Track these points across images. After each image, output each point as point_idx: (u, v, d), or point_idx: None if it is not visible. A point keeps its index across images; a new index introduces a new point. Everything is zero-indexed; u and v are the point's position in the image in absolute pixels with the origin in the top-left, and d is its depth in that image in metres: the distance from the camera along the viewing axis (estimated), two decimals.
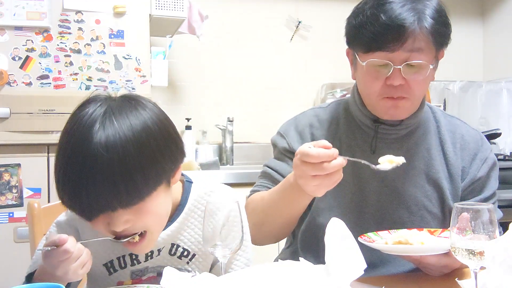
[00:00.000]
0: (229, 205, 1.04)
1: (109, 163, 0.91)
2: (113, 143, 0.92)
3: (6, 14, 2.20)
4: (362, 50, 1.27)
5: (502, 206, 1.43)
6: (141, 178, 0.94)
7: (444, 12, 1.29)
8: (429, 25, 1.23)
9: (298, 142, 1.39)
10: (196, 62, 3.21)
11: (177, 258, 1.13)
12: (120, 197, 0.93)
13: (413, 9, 1.22)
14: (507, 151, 3.34)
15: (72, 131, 0.96)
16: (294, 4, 3.40)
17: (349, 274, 0.95)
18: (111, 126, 0.93)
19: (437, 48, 1.27)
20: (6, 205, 2.20)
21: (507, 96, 3.50)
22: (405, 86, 1.25)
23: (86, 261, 0.96)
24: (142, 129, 0.95)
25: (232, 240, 1.01)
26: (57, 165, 0.96)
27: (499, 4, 3.71)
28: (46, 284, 0.90)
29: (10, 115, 2.19)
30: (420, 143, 1.38)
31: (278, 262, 1.02)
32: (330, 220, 1.03)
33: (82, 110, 0.97)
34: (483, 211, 0.91)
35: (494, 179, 1.41)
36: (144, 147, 0.95)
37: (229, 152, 3.13)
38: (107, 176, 0.91)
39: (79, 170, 0.92)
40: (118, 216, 0.96)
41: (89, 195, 0.92)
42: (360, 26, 1.26)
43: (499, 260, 0.89)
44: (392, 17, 1.21)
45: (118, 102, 0.99)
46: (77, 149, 0.93)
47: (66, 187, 0.95)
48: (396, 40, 1.21)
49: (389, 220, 1.33)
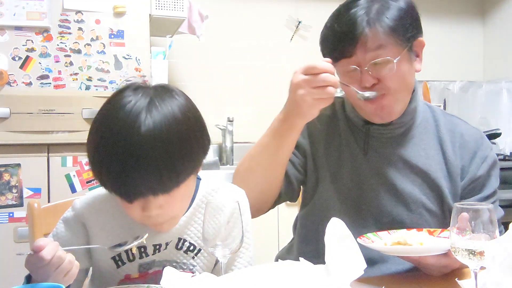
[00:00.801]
0: (230, 205, 1.04)
1: (154, 151, 0.96)
2: (159, 131, 0.96)
3: (6, 14, 2.20)
4: (333, 61, 1.28)
5: (502, 206, 1.43)
6: (181, 165, 1.00)
7: (409, 8, 1.30)
8: (383, 24, 1.24)
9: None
10: (196, 62, 3.21)
11: (183, 252, 1.15)
12: (162, 182, 0.98)
13: (367, 12, 1.25)
14: (507, 151, 3.35)
15: (116, 119, 0.98)
16: (294, 4, 3.41)
17: (349, 274, 0.95)
18: (156, 115, 0.97)
19: (402, 41, 1.27)
20: (6, 205, 2.20)
21: (507, 96, 3.50)
22: (380, 84, 1.27)
23: (68, 269, 0.94)
24: (182, 118, 1.01)
25: (232, 240, 1.01)
26: (98, 151, 1.00)
27: (499, 4, 3.71)
28: (46, 284, 0.90)
29: (10, 115, 2.19)
30: (417, 142, 1.38)
31: (278, 262, 1.02)
32: (330, 220, 1.03)
33: (123, 98, 1.00)
34: (483, 211, 0.91)
35: (495, 177, 1.40)
36: (184, 136, 1.00)
37: (229, 152, 3.13)
38: (152, 163, 0.96)
39: (126, 156, 0.95)
40: (155, 200, 1.00)
41: (134, 180, 0.96)
42: (324, 39, 1.33)
43: (499, 260, 0.89)
44: (344, 25, 1.26)
45: (158, 91, 1.03)
46: (123, 136, 0.96)
47: (111, 172, 0.98)
48: (350, 45, 1.25)
49: (388, 217, 1.34)
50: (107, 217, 1.13)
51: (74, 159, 2.27)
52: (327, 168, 1.39)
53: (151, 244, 1.12)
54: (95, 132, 1.02)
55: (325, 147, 1.41)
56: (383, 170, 1.36)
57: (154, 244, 1.13)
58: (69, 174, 2.27)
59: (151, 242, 1.12)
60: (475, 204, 0.93)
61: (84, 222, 1.14)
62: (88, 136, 1.04)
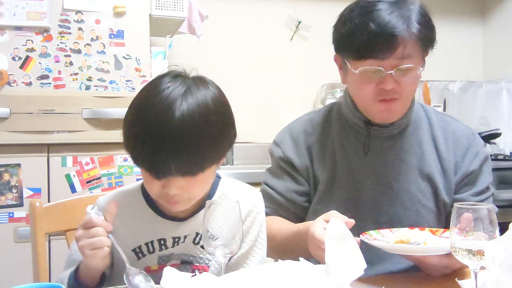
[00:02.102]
0: (230, 205, 1.04)
1: (187, 135, 1.01)
2: (192, 117, 1.02)
3: (6, 14, 2.20)
4: (352, 57, 1.29)
5: (502, 206, 1.44)
6: (209, 152, 1.06)
7: (428, 16, 1.30)
8: (416, 31, 1.25)
9: (293, 150, 1.43)
10: (196, 62, 3.20)
11: (200, 247, 1.18)
12: (190, 165, 1.04)
13: (401, 15, 1.24)
14: (507, 151, 3.34)
15: (154, 101, 1.04)
16: (294, 4, 3.41)
17: (349, 274, 0.96)
18: (191, 102, 1.03)
19: (424, 50, 1.30)
20: (6, 205, 2.20)
21: (507, 96, 3.50)
22: (397, 88, 1.27)
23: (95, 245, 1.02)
24: (215, 108, 1.07)
25: (232, 240, 1.01)
26: (135, 129, 1.05)
27: (499, 4, 3.71)
28: (46, 284, 0.90)
29: (10, 115, 2.19)
30: (412, 140, 1.40)
31: (278, 262, 1.02)
32: (330, 220, 1.03)
33: (162, 84, 1.06)
34: (483, 211, 0.91)
35: (487, 173, 1.43)
36: (215, 125, 1.06)
37: (229, 152, 3.13)
38: (183, 146, 1.02)
39: (160, 137, 1.01)
40: (177, 180, 1.05)
41: (166, 160, 1.02)
42: (349, 34, 1.28)
43: (499, 260, 0.89)
44: (381, 25, 1.23)
45: (195, 81, 1.09)
46: (160, 118, 1.01)
47: (144, 149, 1.03)
48: (387, 48, 1.23)
49: (385, 216, 1.36)
50: (129, 212, 1.17)
51: (74, 159, 2.27)
52: (324, 174, 1.41)
53: (171, 237, 1.16)
54: (133, 110, 1.08)
55: (319, 155, 1.42)
56: (379, 169, 1.38)
57: (173, 237, 1.16)
58: (69, 174, 2.27)
59: (170, 234, 1.16)
60: (475, 204, 0.93)
61: (106, 218, 1.15)
62: (126, 113, 1.09)
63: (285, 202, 1.43)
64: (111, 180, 2.32)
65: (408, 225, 1.32)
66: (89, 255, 1.02)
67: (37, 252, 1.33)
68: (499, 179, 2.53)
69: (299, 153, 1.43)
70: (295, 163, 1.42)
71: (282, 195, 1.43)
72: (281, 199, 1.43)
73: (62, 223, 1.40)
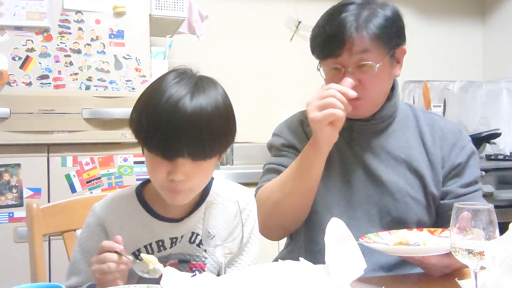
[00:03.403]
0: (230, 205, 1.04)
1: (201, 120, 1.07)
2: (205, 105, 1.08)
3: (6, 14, 2.20)
4: (319, 58, 1.42)
5: (502, 206, 1.44)
6: (217, 141, 1.11)
7: (395, 17, 1.38)
8: (370, 31, 1.33)
9: (293, 136, 1.49)
10: (196, 62, 3.20)
11: (196, 246, 1.20)
12: (202, 148, 1.08)
13: (356, 18, 1.33)
14: (507, 151, 3.34)
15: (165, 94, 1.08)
16: (294, 4, 3.41)
17: (349, 274, 0.96)
18: (202, 96, 1.10)
19: (386, 48, 1.36)
20: (6, 205, 2.20)
21: (507, 96, 3.50)
22: (359, 86, 1.34)
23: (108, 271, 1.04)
24: (223, 102, 1.14)
25: (232, 240, 1.01)
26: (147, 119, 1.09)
27: (499, 4, 3.71)
28: (46, 284, 0.90)
29: (10, 115, 2.19)
30: (399, 136, 1.45)
31: (278, 262, 1.02)
32: (330, 220, 1.03)
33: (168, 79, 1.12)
34: (483, 211, 0.91)
35: (475, 166, 1.46)
36: (224, 116, 1.12)
37: (229, 152, 3.13)
38: (196, 130, 1.06)
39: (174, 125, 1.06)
40: (183, 165, 1.08)
41: (179, 140, 1.06)
42: (314, 37, 1.42)
43: (499, 260, 0.89)
44: (334, 26, 1.34)
45: (203, 78, 1.16)
46: (173, 109, 1.06)
47: (156, 135, 1.07)
48: (338, 46, 1.33)
49: (375, 207, 1.39)
50: (126, 217, 1.19)
51: (74, 159, 2.27)
52: None
53: (168, 238, 1.18)
54: (145, 98, 1.12)
55: None
56: (368, 162, 1.42)
57: (171, 238, 1.18)
58: (69, 174, 2.27)
59: (168, 235, 1.18)
60: (475, 204, 0.93)
61: (104, 224, 1.19)
62: (136, 102, 1.14)
63: None
64: (111, 180, 2.32)
65: (397, 216, 1.36)
66: (99, 279, 1.04)
67: (35, 253, 1.33)
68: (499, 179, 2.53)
69: (300, 139, 1.48)
70: (298, 147, 1.46)
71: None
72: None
73: (60, 224, 1.40)
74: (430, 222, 1.40)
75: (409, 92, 3.46)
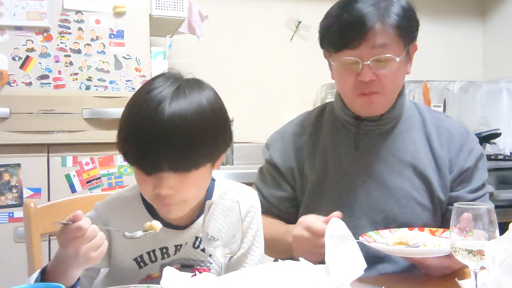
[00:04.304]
0: (231, 205, 1.04)
1: (177, 130, 1.00)
2: (184, 114, 1.01)
3: (6, 14, 2.20)
4: (332, 50, 1.32)
5: (502, 206, 1.44)
6: (200, 150, 1.04)
7: (410, 8, 1.32)
8: (392, 21, 1.26)
9: (279, 152, 1.46)
10: (196, 62, 3.21)
11: (200, 251, 1.17)
12: (180, 160, 1.02)
13: (378, 6, 1.26)
14: (507, 151, 3.34)
15: (146, 98, 1.03)
16: (294, 4, 3.40)
17: (349, 274, 0.95)
18: (182, 99, 1.03)
19: (404, 42, 1.30)
20: (6, 205, 2.19)
21: (507, 96, 3.50)
22: (376, 81, 1.28)
23: (100, 244, 0.96)
24: (208, 107, 1.05)
25: (232, 240, 1.01)
26: (126, 127, 1.05)
27: (499, 4, 3.71)
28: (46, 284, 0.90)
29: (10, 115, 2.19)
30: (405, 137, 1.40)
31: (278, 262, 1.02)
32: (330, 220, 1.03)
33: (155, 83, 1.06)
34: (483, 211, 0.91)
35: (483, 169, 1.42)
36: (208, 123, 1.05)
37: (229, 152, 3.13)
38: (173, 140, 1.00)
39: (151, 132, 1.00)
40: (166, 179, 1.03)
41: (154, 153, 1.01)
42: (328, 27, 1.32)
43: (499, 260, 0.89)
44: (353, 15, 1.26)
45: (189, 82, 1.08)
46: (152, 114, 1.01)
47: (133, 144, 1.03)
48: (359, 37, 1.25)
49: (380, 214, 1.35)
50: (128, 218, 1.16)
51: (74, 159, 2.27)
52: (313, 174, 1.41)
53: (173, 245, 1.15)
54: (126, 109, 1.07)
55: (310, 156, 1.43)
56: (372, 167, 1.37)
57: (175, 245, 1.16)
58: (69, 174, 2.27)
59: (172, 243, 1.15)
60: (475, 204, 0.93)
61: (106, 222, 1.16)
62: (121, 114, 1.09)
63: (269, 206, 1.46)
64: (111, 180, 2.32)
65: (403, 223, 1.32)
66: (95, 257, 0.96)
67: (33, 253, 1.33)
68: (499, 179, 2.53)
69: (286, 156, 1.45)
70: (279, 166, 1.45)
71: (267, 199, 1.46)
72: (265, 202, 1.45)
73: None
74: (436, 227, 1.34)
75: (409, 92, 3.45)
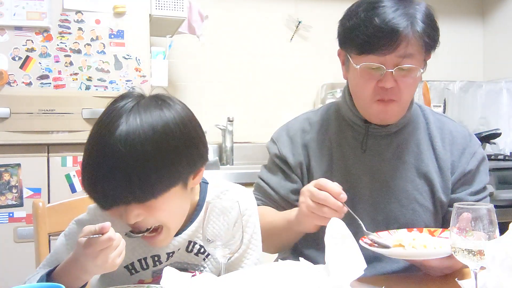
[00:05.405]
0: (230, 205, 1.04)
1: (126, 159, 0.93)
2: (132, 139, 0.94)
3: (6, 14, 2.20)
4: (355, 52, 1.29)
5: (502, 206, 1.44)
6: (155, 177, 0.96)
7: (433, 16, 1.30)
8: (420, 30, 1.24)
9: (288, 147, 1.44)
10: (196, 62, 3.21)
11: (194, 255, 1.15)
12: (134, 192, 0.95)
13: (405, 14, 1.24)
14: (507, 151, 3.34)
15: (101, 123, 0.99)
16: (294, 4, 3.40)
17: (349, 274, 0.95)
18: (134, 123, 0.95)
19: (426, 51, 1.29)
20: (6, 205, 2.19)
21: (507, 96, 3.50)
22: (395, 88, 1.27)
23: (122, 249, 0.96)
24: (162, 129, 0.97)
25: (234, 241, 1.01)
26: (84, 153, 0.99)
27: (499, 4, 3.71)
28: (46, 284, 0.90)
29: (10, 115, 2.19)
30: (409, 139, 1.41)
31: (278, 262, 1.02)
32: (330, 220, 1.03)
33: (114, 104, 1.01)
34: (483, 211, 0.91)
35: (484, 173, 1.43)
36: (162, 148, 0.97)
37: (229, 152, 3.13)
38: (123, 170, 0.94)
39: (99, 161, 0.95)
40: (131, 209, 0.98)
41: (104, 187, 0.95)
42: (353, 28, 1.27)
43: (499, 260, 0.89)
44: (385, 21, 1.22)
45: (146, 100, 1.01)
46: (100, 141, 0.96)
47: (85, 175, 0.97)
48: (389, 45, 1.23)
49: (381, 214, 1.36)
50: (120, 228, 1.10)
51: (74, 159, 2.27)
52: (319, 171, 1.41)
53: (165, 253, 1.13)
54: (89, 135, 1.03)
55: (316, 153, 1.43)
56: (376, 167, 1.38)
57: (167, 252, 1.13)
58: (69, 174, 2.27)
59: (164, 250, 1.12)
60: (475, 204, 0.93)
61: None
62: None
63: (277, 198, 1.44)
64: None
65: (404, 223, 1.33)
66: (119, 263, 0.95)
67: (40, 252, 1.34)
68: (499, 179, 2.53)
69: (294, 151, 1.44)
70: (289, 160, 1.44)
71: (275, 190, 1.45)
72: (273, 193, 1.44)
73: (65, 223, 1.40)
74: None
75: None
